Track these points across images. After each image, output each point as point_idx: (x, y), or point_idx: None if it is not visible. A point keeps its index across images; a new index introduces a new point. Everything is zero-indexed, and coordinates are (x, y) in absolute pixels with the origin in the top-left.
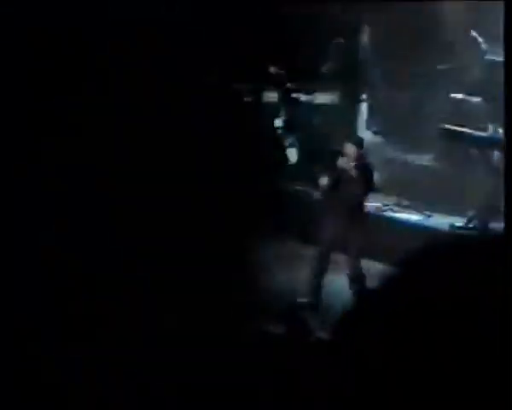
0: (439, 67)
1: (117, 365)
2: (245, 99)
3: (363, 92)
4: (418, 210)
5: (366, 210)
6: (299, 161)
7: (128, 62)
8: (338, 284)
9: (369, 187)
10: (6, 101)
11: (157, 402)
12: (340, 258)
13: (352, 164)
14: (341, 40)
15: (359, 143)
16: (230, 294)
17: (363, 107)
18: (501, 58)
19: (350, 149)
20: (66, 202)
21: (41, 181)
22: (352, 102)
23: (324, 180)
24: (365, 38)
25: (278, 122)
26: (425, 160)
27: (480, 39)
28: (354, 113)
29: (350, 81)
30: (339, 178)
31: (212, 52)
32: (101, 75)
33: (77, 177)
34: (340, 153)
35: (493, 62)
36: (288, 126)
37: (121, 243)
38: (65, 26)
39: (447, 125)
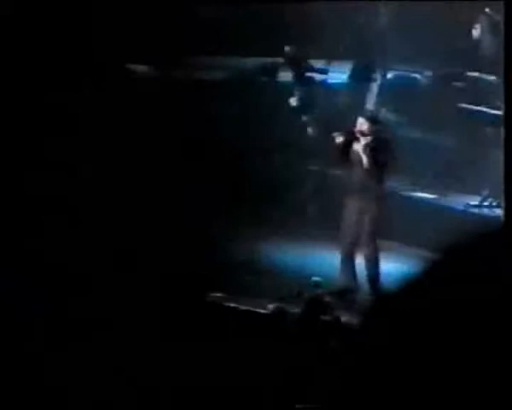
0: (455, 45)
1: (117, 365)
2: (260, 78)
3: (378, 71)
4: (433, 189)
5: (382, 188)
6: (314, 139)
7: (128, 62)
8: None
9: (384, 164)
10: (6, 101)
11: (157, 402)
12: (356, 238)
13: (366, 140)
14: (357, 19)
15: (373, 119)
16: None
17: (378, 85)
18: None
19: (364, 125)
20: (66, 202)
21: (41, 181)
22: (366, 81)
23: (340, 138)
24: (381, 17)
25: (293, 101)
26: (440, 138)
27: (496, 17)
28: (369, 91)
29: (365, 60)
30: (352, 140)
31: (226, 33)
32: (102, 75)
33: (76, 177)
34: (355, 131)
35: None
36: (303, 105)
37: (121, 243)
38: (65, 25)
39: (463, 104)
